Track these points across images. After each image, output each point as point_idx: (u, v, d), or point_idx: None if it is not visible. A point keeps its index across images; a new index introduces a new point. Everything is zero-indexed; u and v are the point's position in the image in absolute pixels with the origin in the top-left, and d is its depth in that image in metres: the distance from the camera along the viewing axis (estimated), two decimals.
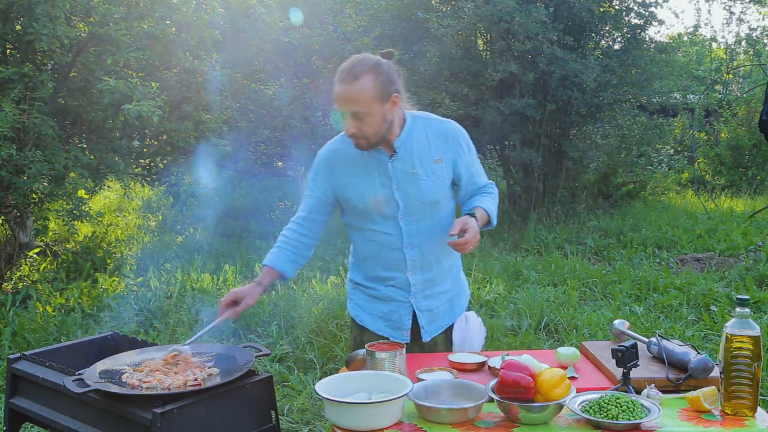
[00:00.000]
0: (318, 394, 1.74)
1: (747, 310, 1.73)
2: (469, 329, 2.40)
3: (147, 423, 1.74)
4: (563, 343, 4.64)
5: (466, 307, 2.49)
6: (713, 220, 8.96)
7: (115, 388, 1.87)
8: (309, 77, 7.90)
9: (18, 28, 5.86)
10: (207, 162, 6.55)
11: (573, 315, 5.12)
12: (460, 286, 2.48)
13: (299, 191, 5.63)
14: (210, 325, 2.15)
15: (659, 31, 41.72)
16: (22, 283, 5.99)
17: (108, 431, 1.90)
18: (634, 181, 10.89)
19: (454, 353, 2.37)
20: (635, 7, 9.34)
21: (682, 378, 1.90)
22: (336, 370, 2.03)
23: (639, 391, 1.84)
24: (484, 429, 1.70)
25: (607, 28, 9.47)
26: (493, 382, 1.79)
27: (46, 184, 5.87)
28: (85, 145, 6.63)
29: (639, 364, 1.88)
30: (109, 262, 6.75)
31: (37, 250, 6.81)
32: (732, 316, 1.75)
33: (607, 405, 1.70)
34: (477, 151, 2.40)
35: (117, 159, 6.61)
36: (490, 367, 2.07)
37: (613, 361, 1.89)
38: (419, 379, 1.94)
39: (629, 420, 1.66)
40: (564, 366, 2.08)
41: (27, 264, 6.55)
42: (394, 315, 2.36)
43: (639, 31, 9.43)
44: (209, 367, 2.05)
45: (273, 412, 2.03)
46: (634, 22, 9.43)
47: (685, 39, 16.63)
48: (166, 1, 6.37)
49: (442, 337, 2.42)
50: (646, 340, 2.11)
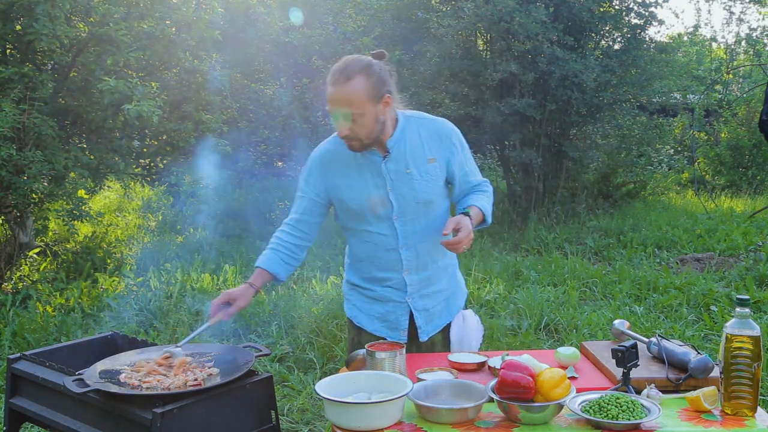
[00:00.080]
0: (318, 394, 1.74)
1: (747, 310, 1.73)
2: (467, 328, 2.40)
3: (147, 423, 1.74)
4: (563, 343, 4.64)
5: (463, 305, 2.49)
6: (713, 220, 8.95)
7: (115, 388, 1.87)
8: (309, 77, 7.90)
9: (18, 28, 5.86)
10: (207, 162, 6.55)
11: (573, 315, 5.12)
12: (456, 284, 2.48)
13: None
14: (202, 327, 2.16)
15: (659, 31, 41.77)
16: (22, 283, 5.98)
17: (108, 431, 1.90)
18: (634, 181, 10.89)
19: (453, 352, 2.37)
20: (635, 7, 9.34)
21: (682, 378, 1.90)
22: (336, 370, 2.03)
23: (639, 391, 1.84)
24: (484, 429, 1.70)
25: (607, 28, 9.47)
26: (493, 382, 1.79)
27: (46, 184, 5.87)
28: (85, 145, 6.63)
29: (639, 364, 1.88)
30: (109, 262, 6.75)
31: (37, 250, 6.81)
32: (732, 316, 1.75)
33: (607, 405, 1.70)
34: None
35: (117, 159, 6.61)
36: (490, 367, 2.07)
37: (613, 361, 1.89)
38: (419, 379, 1.94)
39: (629, 420, 1.66)
40: (564, 366, 2.08)
41: (27, 264, 6.55)
42: (391, 315, 2.36)
43: (639, 31, 9.43)
44: (209, 367, 2.06)
45: (273, 412, 2.03)
46: (634, 22, 9.43)
47: (685, 39, 16.62)
48: (166, 1, 6.37)
49: (439, 336, 2.42)
50: (646, 340, 2.11)
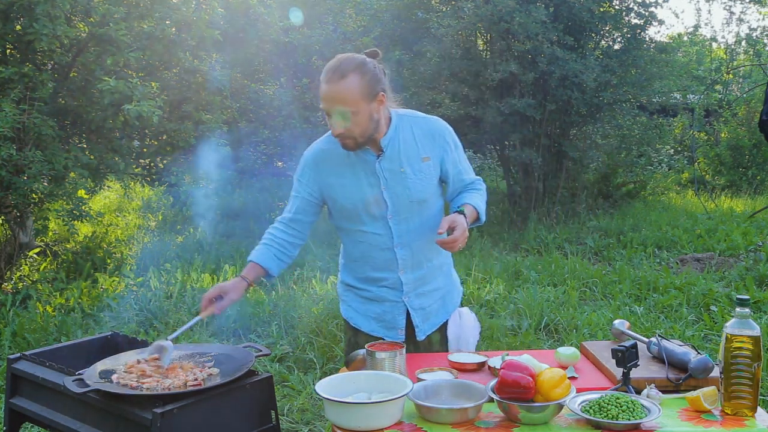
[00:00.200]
0: (318, 394, 1.74)
1: (747, 310, 1.73)
2: (464, 325, 2.40)
3: (147, 423, 1.74)
4: (563, 343, 4.64)
5: (459, 303, 2.49)
6: (713, 220, 8.95)
7: (115, 388, 1.87)
8: (309, 77, 7.90)
9: (18, 28, 5.86)
10: (207, 162, 6.55)
11: (573, 315, 5.12)
12: (452, 283, 2.48)
13: None
14: (193, 321, 2.15)
15: (659, 31, 41.77)
16: (22, 283, 5.98)
17: (108, 431, 1.90)
18: (634, 181, 10.89)
19: (450, 350, 2.37)
20: (635, 7, 9.34)
21: (682, 378, 1.90)
22: (336, 370, 2.03)
23: (639, 391, 1.84)
24: (484, 429, 1.70)
25: (607, 28, 9.47)
26: (493, 382, 1.79)
27: (46, 184, 5.87)
28: (85, 145, 6.63)
29: (639, 364, 1.88)
30: (109, 262, 6.75)
31: (37, 250, 6.81)
32: (732, 316, 1.75)
33: (607, 405, 1.70)
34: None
35: (117, 159, 6.61)
36: (490, 367, 2.07)
37: (613, 361, 1.89)
38: (419, 379, 1.94)
39: (629, 420, 1.66)
40: (564, 366, 2.07)
41: (27, 264, 6.55)
42: (387, 315, 2.36)
43: (639, 31, 9.43)
44: (209, 367, 2.06)
45: (273, 412, 2.03)
46: (634, 22, 9.43)
47: (685, 39, 16.62)
48: (166, 1, 6.37)
49: (436, 334, 2.42)
50: (646, 340, 2.11)
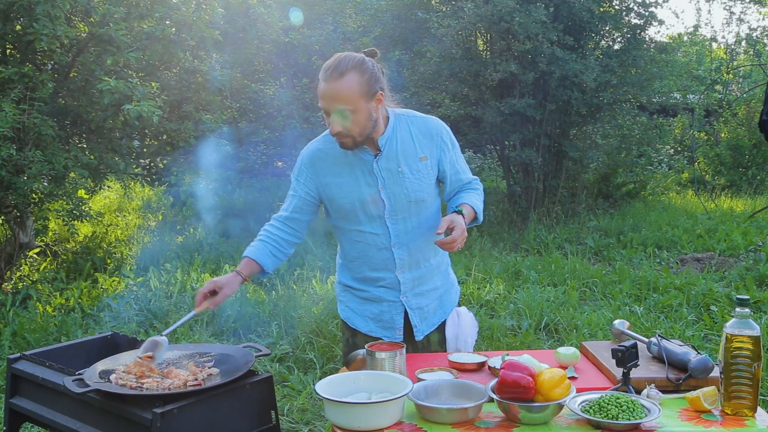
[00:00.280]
0: (318, 394, 1.74)
1: (747, 310, 1.73)
2: (462, 325, 2.40)
3: (147, 423, 1.74)
4: (563, 343, 4.64)
5: (457, 302, 2.49)
6: (713, 220, 8.95)
7: (115, 388, 1.87)
8: (309, 77, 7.90)
9: (18, 28, 5.86)
10: (207, 162, 6.55)
11: (573, 315, 5.12)
12: (450, 282, 2.48)
13: None
14: (188, 316, 2.14)
15: (659, 31, 41.71)
16: (22, 283, 5.98)
17: (108, 431, 1.90)
18: (634, 181, 10.89)
19: (448, 349, 2.37)
20: (635, 7, 9.34)
21: (682, 378, 1.90)
22: (336, 370, 2.03)
23: (639, 391, 1.84)
24: (484, 429, 1.70)
25: (607, 28, 9.46)
26: (493, 382, 1.79)
27: (46, 184, 5.87)
28: (85, 145, 6.63)
29: (639, 364, 1.88)
30: (109, 262, 6.76)
31: (37, 250, 6.81)
32: (732, 316, 1.75)
33: (607, 405, 1.70)
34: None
35: (117, 159, 6.61)
36: (490, 367, 2.07)
37: (613, 361, 1.89)
38: (419, 379, 1.94)
39: (629, 420, 1.66)
40: (564, 366, 2.08)
41: (27, 264, 6.55)
42: (385, 315, 2.35)
43: (639, 31, 9.43)
44: (209, 367, 2.06)
45: (273, 412, 2.03)
46: (634, 22, 9.43)
47: (685, 39, 16.61)
48: (166, 1, 6.36)
49: (435, 334, 2.42)
50: (646, 340, 2.11)
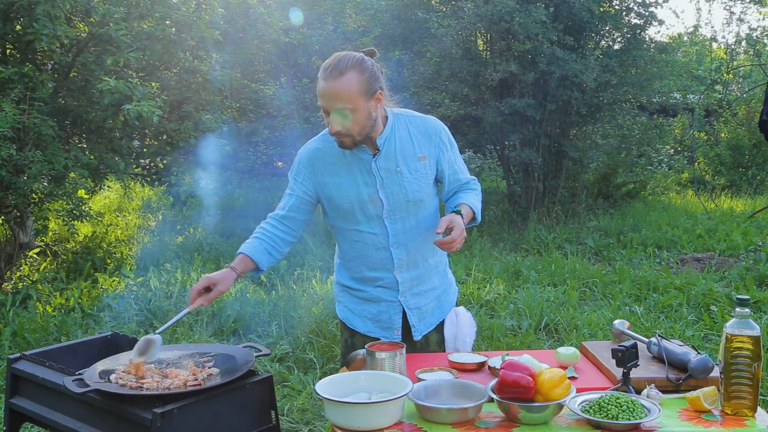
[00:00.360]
0: (318, 394, 1.74)
1: (747, 310, 1.73)
2: (460, 325, 2.40)
3: (147, 423, 1.74)
4: (563, 343, 4.64)
5: (455, 302, 2.49)
6: (713, 220, 8.95)
7: (115, 388, 1.87)
8: (309, 77, 7.90)
9: (18, 28, 5.86)
10: (207, 162, 6.55)
11: (573, 315, 5.12)
12: (448, 282, 2.48)
13: None
14: (182, 313, 2.13)
15: (659, 31, 41.70)
16: (22, 283, 5.98)
17: (108, 431, 1.90)
18: (634, 181, 10.89)
19: (447, 349, 2.37)
20: (635, 7, 9.34)
21: (682, 378, 1.90)
22: (336, 370, 2.03)
23: (639, 391, 1.84)
24: (484, 429, 1.70)
25: (607, 28, 9.46)
26: (493, 382, 1.80)
27: (46, 184, 5.87)
28: (85, 145, 6.63)
29: (639, 364, 1.88)
30: (109, 262, 6.76)
31: (37, 250, 6.81)
32: (732, 316, 1.75)
33: (607, 405, 1.70)
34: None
35: (117, 159, 6.60)
36: (490, 367, 2.07)
37: (613, 361, 1.89)
38: (419, 379, 1.94)
39: (629, 420, 1.66)
40: (564, 366, 2.08)
41: (27, 264, 6.55)
42: (383, 315, 2.35)
43: (639, 31, 9.43)
44: (209, 367, 2.06)
45: (273, 412, 2.03)
46: (634, 22, 9.43)
47: (685, 39, 16.61)
48: (166, 1, 6.36)
49: (433, 334, 2.42)
50: (646, 340, 2.11)
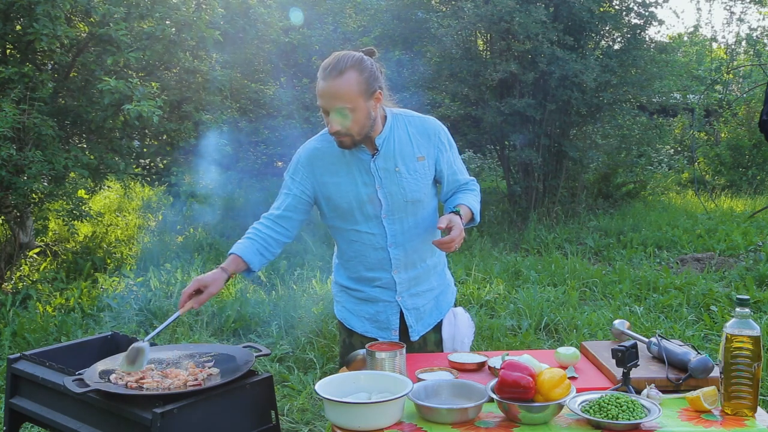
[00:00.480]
0: (318, 394, 1.74)
1: (747, 310, 1.73)
2: (458, 325, 2.40)
3: (147, 423, 1.74)
4: (563, 343, 4.64)
5: (453, 303, 2.49)
6: (713, 220, 8.95)
7: (115, 388, 1.87)
8: (309, 77, 7.90)
9: (18, 28, 5.86)
10: (207, 162, 6.55)
11: (573, 315, 5.12)
12: (446, 283, 2.47)
13: None
14: (172, 318, 2.12)
15: (659, 31, 41.69)
16: (22, 283, 5.98)
17: (108, 431, 1.90)
18: (634, 181, 10.89)
19: (445, 350, 2.37)
20: (635, 7, 9.34)
21: (682, 378, 1.90)
22: (336, 370, 2.03)
23: (639, 391, 1.84)
24: (484, 429, 1.70)
25: (607, 28, 9.46)
26: (493, 382, 1.79)
27: (46, 184, 5.87)
28: (85, 145, 6.63)
29: (639, 364, 1.88)
30: (109, 262, 6.76)
31: (37, 250, 6.81)
32: (732, 316, 1.75)
33: (607, 405, 1.70)
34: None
35: (117, 159, 6.61)
36: (490, 367, 2.07)
37: (613, 361, 1.89)
38: (419, 379, 1.94)
39: (629, 420, 1.66)
40: (564, 366, 2.08)
41: (27, 264, 6.55)
42: (381, 315, 2.35)
43: (639, 31, 9.42)
44: (209, 367, 2.06)
45: (273, 412, 2.03)
46: (634, 22, 9.43)
47: (685, 39, 16.61)
48: (166, 1, 6.36)
49: (431, 334, 2.41)
50: (646, 340, 2.11)
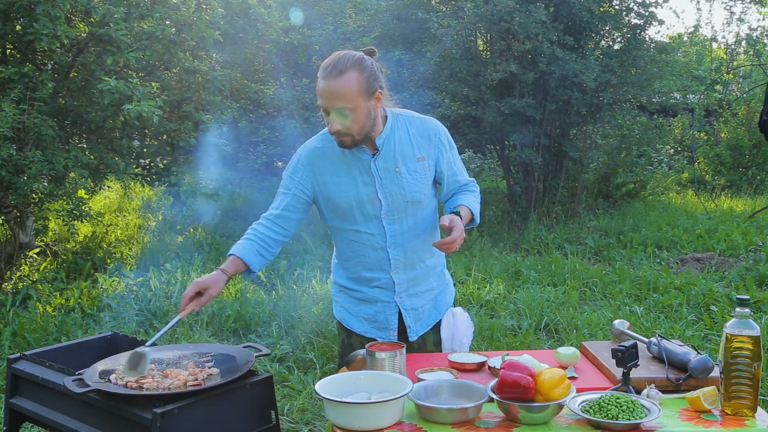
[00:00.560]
0: (318, 394, 1.74)
1: (747, 310, 1.73)
2: (457, 325, 2.39)
3: (147, 423, 1.74)
4: (563, 343, 4.64)
5: (452, 303, 2.49)
6: (713, 220, 8.95)
7: (115, 388, 1.87)
8: (309, 77, 7.90)
9: (18, 28, 5.86)
10: (207, 162, 6.55)
11: (573, 315, 5.12)
12: (445, 283, 2.47)
13: None
14: (173, 321, 2.12)
15: (659, 31, 41.70)
16: (22, 283, 5.98)
17: (108, 431, 1.90)
18: (634, 181, 10.89)
19: (444, 350, 2.37)
20: (635, 7, 9.34)
21: (682, 378, 1.90)
22: (336, 370, 2.03)
23: (639, 391, 1.84)
24: (484, 429, 1.70)
25: (607, 28, 9.46)
26: (493, 382, 1.79)
27: (46, 184, 5.87)
28: (85, 145, 6.64)
29: (639, 364, 1.88)
30: (109, 262, 6.75)
31: (37, 250, 6.81)
32: (732, 316, 1.75)
33: (607, 405, 1.70)
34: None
35: (117, 159, 6.61)
36: (490, 367, 2.07)
37: (613, 361, 1.89)
38: (419, 379, 1.94)
39: (629, 420, 1.66)
40: (564, 366, 2.08)
41: (27, 264, 6.55)
42: (380, 316, 2.35)
43: (639, 31, 9.43)
44: (209, 367, 2.06)
45: (273, 412, 2.03)
46: (634, 22, 9.43)
47: (685, 39, 16.61)
48: (166, 1, 6.37)
49: (430, 335, 2.41)
50: (646, 340, 2.11)
